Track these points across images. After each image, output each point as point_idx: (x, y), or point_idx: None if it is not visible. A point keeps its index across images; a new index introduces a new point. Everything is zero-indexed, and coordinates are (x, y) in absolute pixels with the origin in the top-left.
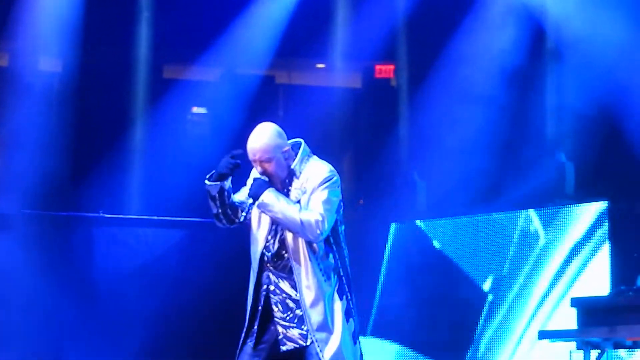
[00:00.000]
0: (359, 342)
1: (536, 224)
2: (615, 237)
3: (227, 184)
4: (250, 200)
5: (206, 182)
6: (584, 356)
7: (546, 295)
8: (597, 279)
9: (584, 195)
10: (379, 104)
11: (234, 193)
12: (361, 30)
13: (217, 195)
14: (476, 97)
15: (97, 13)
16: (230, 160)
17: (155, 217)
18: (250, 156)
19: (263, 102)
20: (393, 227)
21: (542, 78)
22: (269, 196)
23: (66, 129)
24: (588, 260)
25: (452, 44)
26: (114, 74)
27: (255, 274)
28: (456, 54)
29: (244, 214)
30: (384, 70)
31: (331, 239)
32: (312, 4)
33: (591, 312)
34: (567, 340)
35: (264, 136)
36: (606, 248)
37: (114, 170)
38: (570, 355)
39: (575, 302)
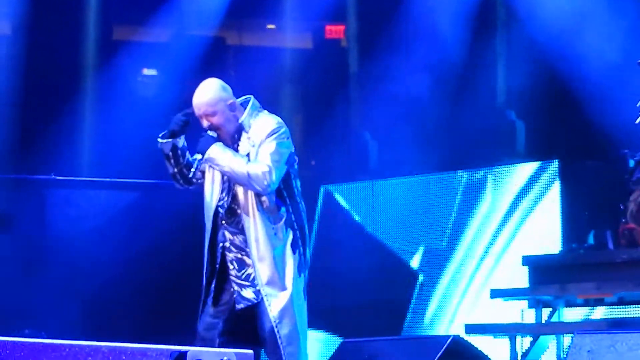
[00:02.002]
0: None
1: (487, 182)
2: (565, 196)
3: (181, 142)
4: (200, 156)
5: (159, 139)
6: (536, 314)
7: (496, 253)
8: (548, 237)
9: (535, 153)
10: (330, 64)
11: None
12: None
13: (170, 153)
14: (426, 55)
15: None
16: (180, 117)
17: (108, 179)
18: (196, 112)
19: (214, 63)
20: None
21: (492, 36)
22: (215, 150)
23: (15, 92)
24: (538, 219)
25: (402, 3)
26: (63, 36)
27: (209, 233)
28: (406, 13)
29: (192, 170)
30: (334, 30)
31: (284, 192)
32: None
33: (543, 270)
34: (519, 299)
35: (206, 90)
36: (557, 206)
37: (64, 133)
38: (522, 314)
39: (527, 260)
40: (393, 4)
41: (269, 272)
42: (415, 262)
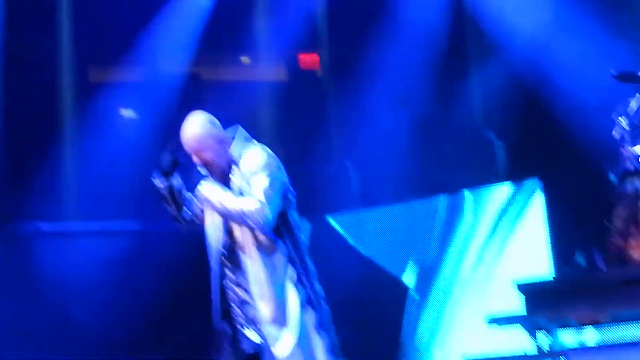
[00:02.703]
0: (329, 332)
1: (469, 205)
2: (550, 214)
3: (175, 180)
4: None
5: (153, 181)
6: (532, 339)
7: (484, 275)
8: (534, 256)
9: (515, 173)
10: (306, 95)
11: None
12: (282, 20)
13: (167, 194)
14: (400, 80)
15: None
16: (167, 156)
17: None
18: (186, 149)
19: (191, 99)
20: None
21: (466, 56)
22: (206, 188)
23: None
24: (524, 238)
25: (375, 27)
26: (38, 81)
27: (216, 273)
28: (379, 38)
29: (184, 207)
30: (309, 59)
31: (281, 228)
32: None
33: (537, 296)
34: (515, 326)
35: (193, 126)
36: (541, 225)
37: (46, 177)
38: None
39: (521, 288)
40: (365, 27)
41: (271, 311)
42: (403, 289)
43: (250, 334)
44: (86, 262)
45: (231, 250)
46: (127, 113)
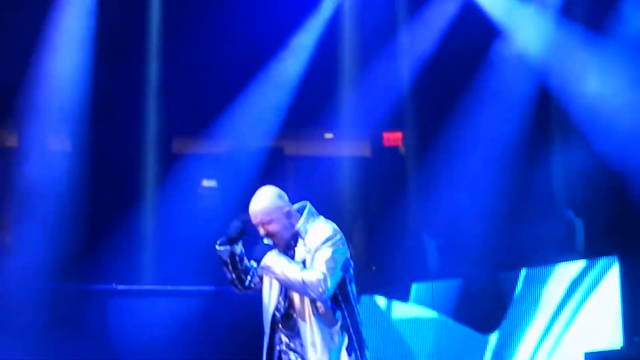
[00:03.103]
0: None
1: (548, 280)
2: (625, 291)
3: (238, 248)
4: (255, 263)
5: (217, 247)
6: None
7: (558, 348)
8: (609, 333)
9: (594, 251)
10: (389, 171)
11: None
12: (368, 99)
13: (228, 260)
14: (482, 159)
15: (105, 91)
16: (237, 224)
17: (169, 287)
18: (253, 220)
19: (273, 173)
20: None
21: (549, 137)
22: (270, 258)
23: (79, 205)
24: (600, 315)
25: (458, 108)
26: (124, 150)
27: (268, 337)
28: (461, 118)
29: (248, 277)
30: (392, 138)
31: (339, 297)
32: (318, 75)
33: None
34: None
35: (262, 199)
36: (617, 302)
37: (127, 245)
38: None
39: (589, 356)
40: (447, 109)
41: None
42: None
43: None
44: (159, 321)
45: (288, 316)
46: (209, 183)
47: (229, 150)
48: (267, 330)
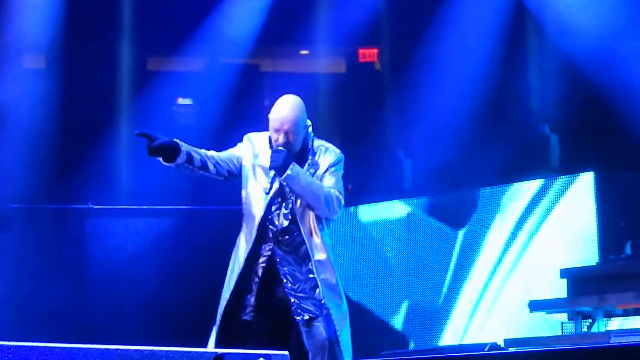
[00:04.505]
0: None
1: (523, 196)
2: (601, 207)
3: (180, 158)
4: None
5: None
6: (575, 326)
7: (532, 265)
8: (584, 248)
9: (570, 166)
10: (364, 87)
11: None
12: (343, 15)
13: (185, 170)
14: (458, 74)
15: (78, 9)
16: (150, 148)
17: (145, 207)
18: (277, 125)
19: (248, 90)
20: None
21: (524, 48)
22: (297, 168)
23: (52, 124)
24: (575, 230)
25: (434, 24)
26: (98, 68)
27: (251, 244)
28: (438, 34)
29: (211, 167)
30: (368, 54)
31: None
32: None
33: (581, 281)
34: (558, 312)
35: (295, 108)
36: (593, 217)
37: (101, 163)
38: (562, 326)
39: (565, 273)
40: (424, 25)
41: (332, 290)
42: (450, 275)
43: (307, 304)
44: (133, 239)
45: (287, 232)
46: (184, 101)
47: (203, 67)
48: (252, 236)
